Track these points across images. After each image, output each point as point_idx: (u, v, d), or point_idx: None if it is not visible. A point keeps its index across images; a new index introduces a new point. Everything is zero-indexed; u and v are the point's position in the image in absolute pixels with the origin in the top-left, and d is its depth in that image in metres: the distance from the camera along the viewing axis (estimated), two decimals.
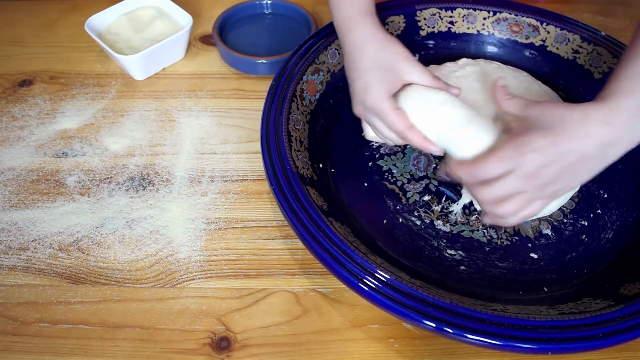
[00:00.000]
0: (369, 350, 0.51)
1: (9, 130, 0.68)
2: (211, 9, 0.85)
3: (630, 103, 0.47)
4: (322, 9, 0.84)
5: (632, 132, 0.48)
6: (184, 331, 0.52)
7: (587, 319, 0.47)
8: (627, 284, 0.52)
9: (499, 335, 0.45)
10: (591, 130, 0.47)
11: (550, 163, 0.48)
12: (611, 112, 0.47)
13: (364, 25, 0.57)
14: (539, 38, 0.73)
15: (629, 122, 0.48)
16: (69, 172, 0.64)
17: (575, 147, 0.47)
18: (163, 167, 0.65)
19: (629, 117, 0.47)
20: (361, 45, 0.56)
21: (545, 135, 0.48)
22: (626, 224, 0.59)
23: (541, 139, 0.48)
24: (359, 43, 0.56)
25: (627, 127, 0.48)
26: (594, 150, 0.48)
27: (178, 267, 0.56)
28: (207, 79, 0.75)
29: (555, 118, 0.48)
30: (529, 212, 0.51)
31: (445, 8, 0.74)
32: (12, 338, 0.51)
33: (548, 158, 0.47)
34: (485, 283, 0.54)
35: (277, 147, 0.56)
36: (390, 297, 0.47)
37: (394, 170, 0.62)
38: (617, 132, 0.47)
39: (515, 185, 0.49)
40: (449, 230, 0.58)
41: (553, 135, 0.47)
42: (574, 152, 0.47)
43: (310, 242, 0.50)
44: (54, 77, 0.75)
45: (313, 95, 0.65)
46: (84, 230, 0.59)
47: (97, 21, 0.76)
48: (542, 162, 0.48)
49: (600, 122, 0.47)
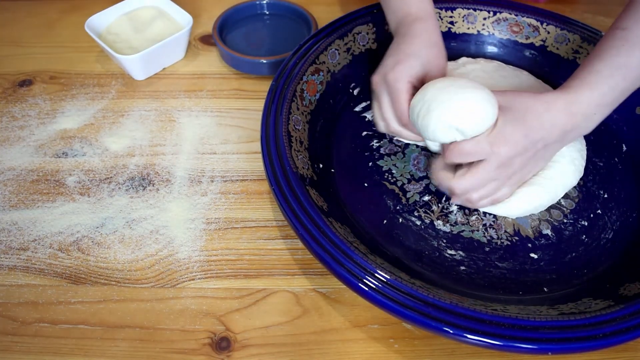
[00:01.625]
0: (369, 351, 0.51)
1: (9, 130, 0.68)
2: (211, 9, 0.85)
3: (592, 96, 0.52)
4: (322, 9, 0.84)
5: (591, 120, 0.53)
6: (184, 331, 0.52)
7: (587, 319, 0.47)
8: (627, 284, 0.52)
9: (499, 336, 0.45)
10: (556, 120, 0.52)
11: (520, 153, 0.52)
12: (573, 105, 0.52)
13: (427, 25, 0.60)
14: (539, 38, 0.73)
15: (589, 113, 0.52)
16: (69, 172, 0.64)
17: (543, 136, 0.52)
18: (163, 167, 0.65)
19: (590, 108, 0.52)
20: (416, 33, 0.60)
21: (516, 126, 0.52)
22: (626, 224, 0.59)
23: (513, 131, 0.52)
24: (416, 31, 0.60)
25: (586, 117, 0.53)
26: (557, 137, 0.53)
27: (178, 267, 0.56)
28: (207, 79, 0.75)
29: (523, 108, 0.52)
30: (497, 196, 0.56)
31: (445, 8, 0.74)
32: (12, 338, 0.51)
33: (519, 149, 0.52)
34: (485, 283, 0.54)
35: (277, 147, 0.56)
36: (390, 297, 0.47)
37: (394, 171, 0.62)
38: (577, 121, 0.53)
39: (487, 175, 0.53)
40: (449, 230, 0.58)
41: (523, 126, 0.52)
42: (542, 140, 0.52)
43: (310, 243, 0.50)
44: (54, 77, 0.75)
45: (313, 96, 0.65)
46: (84, 230, 0.59)
47: (97, 21, 0.76)
48: (514, 153, 0.52)
49: (563, 112, 0.52)
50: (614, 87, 0.52)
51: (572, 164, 0.59)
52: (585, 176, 0.62)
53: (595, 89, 0.52)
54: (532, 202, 0.57)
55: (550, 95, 0.53)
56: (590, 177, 0.62)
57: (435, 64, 0.59)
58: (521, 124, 0.51)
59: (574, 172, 0.59)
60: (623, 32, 0.52)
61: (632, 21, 0.52)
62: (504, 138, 0.51)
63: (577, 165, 0.60)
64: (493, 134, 0.52)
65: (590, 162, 0.64)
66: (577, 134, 0.54)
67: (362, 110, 0.68)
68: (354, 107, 0.68)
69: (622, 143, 0.66)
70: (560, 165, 0.59)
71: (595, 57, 0.53)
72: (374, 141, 0.65)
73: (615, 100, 0.53)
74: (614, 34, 0.53)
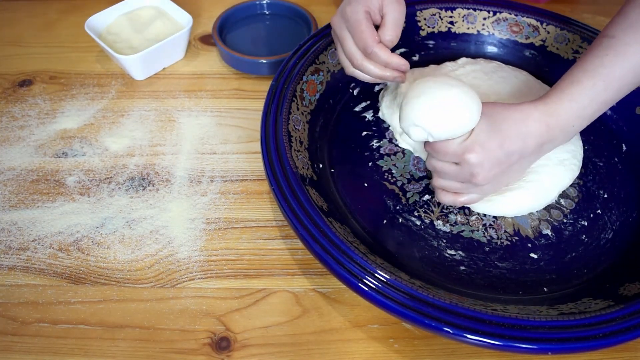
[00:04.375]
0: (369, 351, 0.51)
1: (9, 130, 0.68)
2: (211, 9, 0.85)
3: (571, 109, 0.51)
4: (322, 9, 0.84)
5: (568, 132, 0.53)
6: (183, 331, 0.52)
7: (587, 319, 0.47)
8: (627, 284, 0.52)
9: (498, 336, 0.45)
10: (532, 131, 0.51)
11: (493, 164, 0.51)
12: (551, 117, 0.51)
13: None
14: (539, 38, 0.73)
15: (567, 125, 0.52)
16: (69, 172, 0.64)
17: (520, 147, 0.51)
18: (163, 167, 0.65)
19: (569, 121, 0.51)
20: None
21: (491, 135, 0.51)
22: (626, 224, 0.59)
23: (487, 140, 0.51)
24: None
25: (564, 130, 0.52)
26: (533, 149, 0.52)
27: (178, 267, 0.56)
28: (207, 79, 0.75)
29: (500, 118, 0.51)
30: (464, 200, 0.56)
31: (445, 8, 0.74)
32: (12, 338, 0.51)
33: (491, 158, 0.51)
34: (485, 283, 0.54)
35: (277, 147, 0.56)
36: (390, 297, 0.47)
37: (394, 171, 0.62)
38: (555, 134, 0.52)
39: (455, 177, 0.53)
40: (448, 230, 0.58)
41: (499, 136, 0.51)
42: (517, 152, 0.52)
43: (310, 243, 0.50)
44: (54, 77, 0.75)
45: (313, 96, 0.65)
46: (84, 230, 0.59)
47: (97, 21, 0.76)
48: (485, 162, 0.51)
49: (540, 123, 0.51)
50: (594, 98, 0.50)
51: (560, 165, 0.59)
52: (585, 176, 0.62)
53: (575, 101, 0.51)
54: (519, 203, 0.57)
55: (528, 106, 0.52)
56: (590, 177, 0.62)
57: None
58: (497, 133, 0.51)
59: (564, 173, 0.59)
60: (609, 41, 0.51)
61: (620, 29, 0.50)
62: (477, 146, 0.51)
63: (568, 166, 0.59)
64: (467, 141, 0.51)
65: (590, 162, 0.64)
66: (553, 145, 0.53)
67: (362, 110, 0.68)
68: (354, 107, 0.68)
69: (622, 143, 0.66)
70: (548, 167, 0.58)
71: (578, 67, 0.52)
72: (374, 141, 0.65)
73: (596, 112, 0.52)
74: (600, 42, 0.51)
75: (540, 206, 0.59)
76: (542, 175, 0.58)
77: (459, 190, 0.55)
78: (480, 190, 0.55)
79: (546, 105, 0.51)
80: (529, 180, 0.57)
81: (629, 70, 0.50)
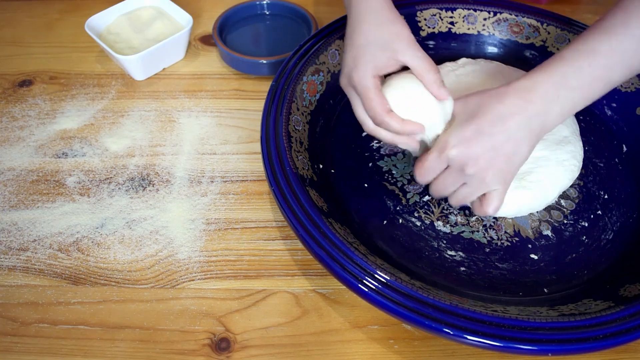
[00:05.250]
0: (369, 351, 0.51)
1: (9, 130, 0.68)
2: (211, 9, 0.85)
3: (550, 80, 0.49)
4: (322, 9, 0.84)
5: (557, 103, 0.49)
6: (183, 332, 0.52)
7: (587, 321, 0.46)
8: (627, 285, 0.52)
9: (499, 337, 0.45)
10: (509, 107, 0.48)
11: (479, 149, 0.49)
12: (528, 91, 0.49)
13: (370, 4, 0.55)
14: (539, 38, 0.73)
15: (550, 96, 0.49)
16: (69, 173, 0.64)
17: (499, 126, 0.48)
18: (163, 168, 0.65)
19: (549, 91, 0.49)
20: (361, 18, 0.54)
21: (466, 125, 0.49)
22: (626, 225, 0.59)
23: (462, 131, 0.49)
24: (361, 16, 0.54)
25: (549, 100, 0.49)
26: (519, 125, 0.49)
27: (178, 268, 0.56)
28: (207, 80, 0.75)
29: (476, 105, 0.50)
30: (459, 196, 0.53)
31: (445, 8, 0.74)
32: (12, 339, 0.51)
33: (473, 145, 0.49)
34: (486, 284, 0.54)
35: (277, 147, 0.56)
36: (390, 298, 0.47)
37: (394, 171, 0.62)
38: (539, 106, 0.49)
39: (452, 180, 0.51)
40: (449, 231, 0.58)
41: (474, 122, 0.49)
42: (500, 132, 0.48)
43: (310, 243, 0.50)
44: (54, 77, 0.75)
45: (313, 96, 0.65)
46: (84, 230, 0.59)
47: (97, 21, 0.76)
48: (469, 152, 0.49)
49: (515, 98, 0.49)
50: (579, 69, 0.48)
51: (560, 165, 0.59)
52: (586, 177, 0.62)
53: (555, 73, 0.49)
54: (520, 204, 0.57)
55: (502, 87, 0.50)
56: (591, 178, 0.62)
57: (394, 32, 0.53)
58: (471, 120, 0.49)
59: (564, 173, 0.59)
60: (598, 22, 0.50)
61: (610, 13, 0.50)
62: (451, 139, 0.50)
63: (568, 166, 0.59)
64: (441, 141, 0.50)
65: (590, 162, 0.64)
66: (545, 119, 0.49)
67: None
68: None
69: (623, 143, 0.66)
70: (548, 168, 0.58)
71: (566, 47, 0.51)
72: (374, 142, 0.65)
73: (585, 85, 0.49)
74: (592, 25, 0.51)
75: (541, 207, 0.59)
76: (542, 176, 0.58)
77: (472, 193, 0.52)
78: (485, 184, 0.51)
79: (519, 82, 0.49)
80: (529, 180, 0.57)
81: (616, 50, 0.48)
